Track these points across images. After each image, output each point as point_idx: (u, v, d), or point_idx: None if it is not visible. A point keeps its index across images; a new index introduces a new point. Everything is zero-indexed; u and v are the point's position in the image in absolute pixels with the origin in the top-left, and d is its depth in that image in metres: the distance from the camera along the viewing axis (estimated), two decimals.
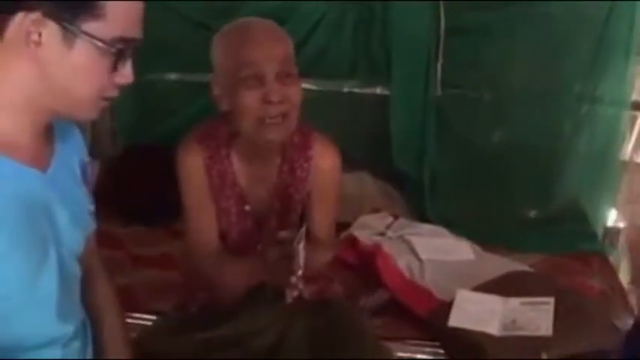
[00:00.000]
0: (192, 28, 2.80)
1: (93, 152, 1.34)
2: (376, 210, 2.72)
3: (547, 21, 2.66)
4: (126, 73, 1.11)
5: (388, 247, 2.38)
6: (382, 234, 2.52)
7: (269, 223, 1.74)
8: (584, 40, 2.68)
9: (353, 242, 2.48)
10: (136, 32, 1.10)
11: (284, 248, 1.54)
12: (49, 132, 1.17)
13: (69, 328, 1.20)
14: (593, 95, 2.73)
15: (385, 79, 2.84)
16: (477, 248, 2.49)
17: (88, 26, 1.04)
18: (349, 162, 1.91)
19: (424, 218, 2.75)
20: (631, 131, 2.81)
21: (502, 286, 2.10)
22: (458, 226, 2.60)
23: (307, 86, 2.64)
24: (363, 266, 2.39)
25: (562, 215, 2.82)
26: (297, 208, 1.75)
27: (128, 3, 1.07)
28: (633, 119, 2.79)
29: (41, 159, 1.13)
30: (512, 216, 2.85)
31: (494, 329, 1.93)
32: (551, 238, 2.70)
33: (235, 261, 1.71)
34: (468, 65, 2.77)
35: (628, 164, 2.84)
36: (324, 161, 1.73)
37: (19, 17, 1.02)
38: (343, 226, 2.44)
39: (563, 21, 2.65)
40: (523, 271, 2.30)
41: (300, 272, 1.51)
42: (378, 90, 2.89)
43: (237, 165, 1.70)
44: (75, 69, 1.06)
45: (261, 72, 1.55)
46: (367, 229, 2.54)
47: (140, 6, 1.10)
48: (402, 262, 2.31)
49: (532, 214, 2.90)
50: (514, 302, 2.01)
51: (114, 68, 1.09)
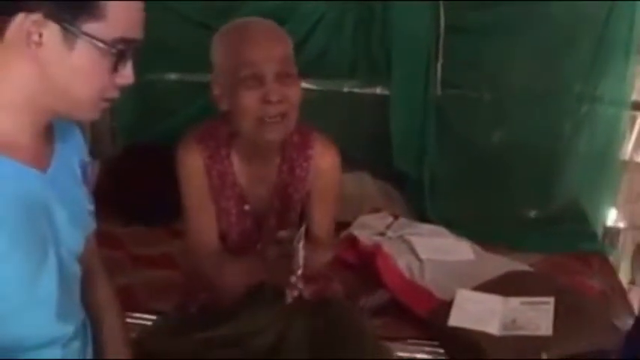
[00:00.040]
0: (192, 28, 2.80)
1: (93, 152, 1.34)
2: (376, 210, 2.72)
3: (547, 21, 2.66)
4: (126, 74, 1.11)
5: (388, 247, 2.38)
6: (382, 234, 2.52)
7: (269, 223, 1.74)
8: (584, 40, 2.68)
9: (353, 242, 2.48)
10: (137, 33, 1.09)
11: (284, 248, 1.54)
12: (49, 132, 1.17)
13: (69, 329, 1.20)
14: (593, 95, 2.74)
15: (385, 79, 2.84)
16: (477, 248, 2.48)
17: (89, 27, 1.04)
18: (349, 162, 1.91)
19: (424, 218, 2.75)
20: (631, 131, 2.82)
21: (502, 286, 2.10)
22: (458, 226, 2.60)
23: (307, 86, 2.65)
24: (363, 266, 2.39)
25: (562, 215, 2.82)
26: (296, 208, 1.75)
27: (129, 4, 1.07)
28: (633, 119, 2.80)
29: (41, 159, 1.13)
30: (512, 216, 2.85)
31: (494, 329, 1.93)
32: (551, 238, 2.70)
33: (235, 261, 1.71)
34: (468, 65, 2.78)
35: (628, 164, 2.85)
36: (324, 161, 1.73)
37: (20, 18, 1.02)
38: (343, 226, 2.44)
39: (563, 21, 2.65)
40: (523, 271, 2.30)
41: (299, 272, 1.51)
42: (378, 90, 2.89)
43: (236, 165, 1.70)
44: (75, 70, 1.06)
45: (260, 72, 1.55)
46: (367, 229, 2.54)
47: (141, 7, 1.10)
48: (402, 262, 2.31)
49: (532, 214, 2.90)
50: (514, 302, 2.01)
51: (114, 69, 1.09)
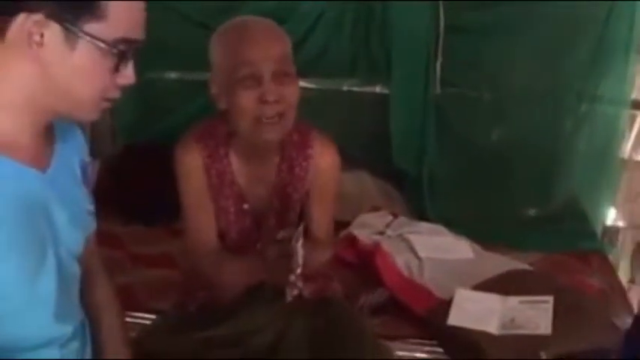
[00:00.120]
0: (191, 27, 2.80)
1: (92, 151, 1.34)
2: (376, 209, 2.71)
3: (547, 21, 2.66)
4: (128, 74, 1.11)
5: (387, 246, 2.38)
6: (381, 233, 2.51)
7: (268, 222, 1.74)
8: (584, 40, 2.68)
9: (352, 241, 2.48)
10: (138, 33, 1.10)
11: (283, 247, 1.54)
12: (50, 132, 1.17)
13: (67, 329, 1.20)
14: (593, 94, 2.73)
15: (385, 78, 2.83)
16: (477, 247, 2.48)
17: (90, 27, 1.04)
18: (348, 161, 1.91)
19: (424, 217, 2.74)
20: (630, 130, 2.82)
21: (501, 285, 2.10)
22: (457, 225, 2.60)
23: (306, 85, 2.65)
24: (363, 265, 2.39)
25: (561, 214, 2.82)
26: (295, 207, 1.75)
27: (130, 4, 1.07)
28: (633, 118, 2.80)
29: (41, 159, 1.13)
30: (511, 215, 2.84)
31: (493, 328, 1.93)
32: (550, 237, 2.70)
33: (234, 260, 1.71)
34: (468, 65, 2.77)
35: (627, 163, 2.84)
36: (323, 160, 1.73)
37: (21, 18, 1.02)
38: (342, 225, 2.44)
39: (563, 21, 2.65)
40: (522, 270, 2.30)
41: (299, 271, 1.52)
42: (378, 89, 2.89)
43: (235, 164, 1.70)
44: (77, 70, 1.06)
45: (258, 72, 1.55)
46: (366, 228, 2.54)
47: (142, 7, 1.10)
48: (401, 261, 2.31)
49: (531, 213, 2.90)
50: (513, 301, 2.01)
51: (116, 69, 1.09)
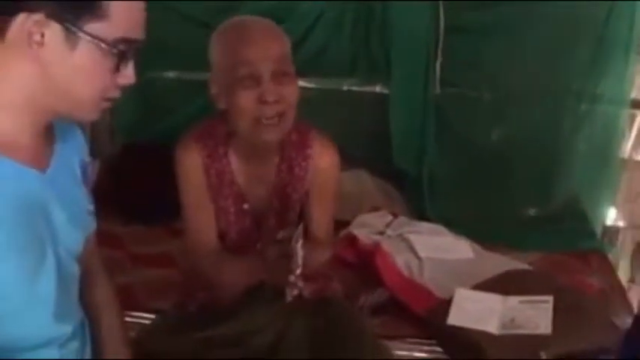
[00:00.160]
0: (191, 27, 2.79)
1: (92, 150, 1.34)
2: (375, 208, 2.71)
3: (547, 21, 2.66)
4: (128, 74, 1.11)
5: (387, 246, 2.38)
6: (381, 232, 2.51)
7: (268, 222, 1.74)
8: (584, 40, 2.68)
9: (352, 241, 2.48)
10: (139, 33, 1.10)
11: (283, 247, 1.54)
12: (50, 132, 1.17)
13: (67, 329, 1.20)
14: (592, 94, 2.73)
15: (384, 78, 2.83)
16: (477, 247, 2.48)
17: (91, 27, 1.04)
18: (348, 160, 1.91)
19: (423, 217, 2.74)
20: (630, 129, 2.82)
21: (501, 285, 2.10)
22: (457, 225, 2.59)
23: (306, 84, 2.65)
24: (363, 265, 2.39)
25: (561, 213, 2.82)
26: (295, 207, 1.75)
27: (131, 4, 1.07)
28: (633, 117, 2.80)
29: (41, 159, 1.13)
30: (511, 215, 2.84)
31: (493, 328, 1.93)
32: (550, 237, 2.70)
33: (234, 260, 1.71)
34: (468, 64, 2.77)
35: (627, 162, 2.84)
36: (323, 160, 1.72)
37: (22, 18, 1.02)
38: (342, 225, 2.44)
39: (563, 21, 2.65)
40: (522, 270, 2.30)
41: (298, 271, 1.51)
42: (378, 88, 2.88)
43: (235, 164, 1.70)
44: (77, 70, 1.06)
45: (257, 72, 1.54)
46: (366, 228, 2.53)
47: (142, 7, 1.10)
48: (401, 261, 2.31)
49: (531, 213, 2.89)
50: (513, 301, 2.01)
51: (116, 69, 1.09)
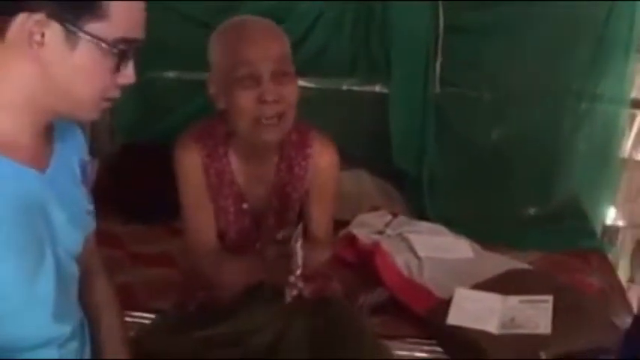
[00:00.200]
0: (191, 27, 2.79)
1: (91, 150, 1.34)
2: (375, 208, 2.71)
3: (547, 21, 2.66)
4: (128, 74, 1.11)
5: (387, 245, 2.37)
6: (381, 232, 2.51)
7: (267, 222, 1.74)
8: (584, 40, 2.68)
9: (352, 240, 2.47)
10: (139, 33, 1.10)
11: (282, 247, 1.54)
12: (49, 132, 1.17)
13: (66, 329, 1.19)
14: (592, 93, 2.73)
15: (384, 77, 2.83)
16: (476, 246, 2.48)
17: (91, 27, 1.04)
18: (348, 160, 1.90)
19: (423, 216, 2.74)
20: (630, 129, 2.82)
21: (501, 284, 2.09)
22: (457, 225, 2.59)
23: (306, 84, 2.65)
24: (362, 264, 2.38)
25: (561, 213, 2.82)
26: (295, 207, 1.75)
27: (131, 4, 1.07)
28: (632, 117, 2.80)
29: (40, 159, 1.14)
30: (511, 214, 2.84)
31: (492, 327, 1.92)
32: (550, 236, 2.70)
33: (234, 259, 1.71)
34: (468, 64, 2.77)
35: (627, 162, 2.84)
36: (323, 159, 1.72)
37: (22, 18, 1.02)
38: (342, 224, 2.44)
39: (563, 21, 2.65)
40: (522, 269, 2.30)
41: (298, 271, 1.51)
42: (377, 88, 2.88)
43: (234, 163, 1.70)
44: (77, 69, 1.06)
45: (257, 71, 1.54)
46: (366, 227, 2.53)
47: (143, 7, 1.10)
48: (401, 260, 2.31)
49: (531, 212, 2.89)
50: (513, 300, 2.00)
51: (116, 69, 1.09)
